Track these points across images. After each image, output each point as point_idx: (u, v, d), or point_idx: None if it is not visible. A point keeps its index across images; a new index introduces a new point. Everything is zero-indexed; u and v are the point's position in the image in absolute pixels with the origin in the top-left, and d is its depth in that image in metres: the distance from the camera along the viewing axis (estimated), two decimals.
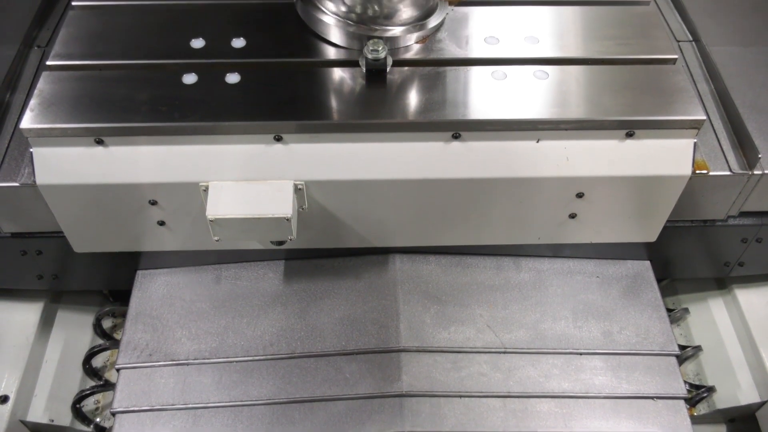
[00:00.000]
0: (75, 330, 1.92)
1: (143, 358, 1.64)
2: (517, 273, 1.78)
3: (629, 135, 1.47)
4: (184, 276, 1.78)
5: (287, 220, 1.41)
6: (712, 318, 1.92)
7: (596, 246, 1.75)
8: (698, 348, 1.87)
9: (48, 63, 1.54)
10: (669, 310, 1.82)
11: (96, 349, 1.83)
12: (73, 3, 1.69)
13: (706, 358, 1.87)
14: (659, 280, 1.81)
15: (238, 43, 1.58)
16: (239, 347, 1.65)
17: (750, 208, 1.67)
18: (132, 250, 1.69)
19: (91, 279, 1.87)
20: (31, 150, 1.45)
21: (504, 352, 1.65)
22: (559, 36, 1.62)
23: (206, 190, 1.45)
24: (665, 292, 2.01)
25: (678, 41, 1.84)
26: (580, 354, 1.66)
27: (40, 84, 1.48)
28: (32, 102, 1.44)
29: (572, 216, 1.60)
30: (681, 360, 1.77)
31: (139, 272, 1.79)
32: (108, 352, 1.90)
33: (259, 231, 1.45)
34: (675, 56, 1.58)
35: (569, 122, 1.45)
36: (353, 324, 1.66)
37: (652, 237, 1.68)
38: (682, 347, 1.82)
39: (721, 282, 1.97)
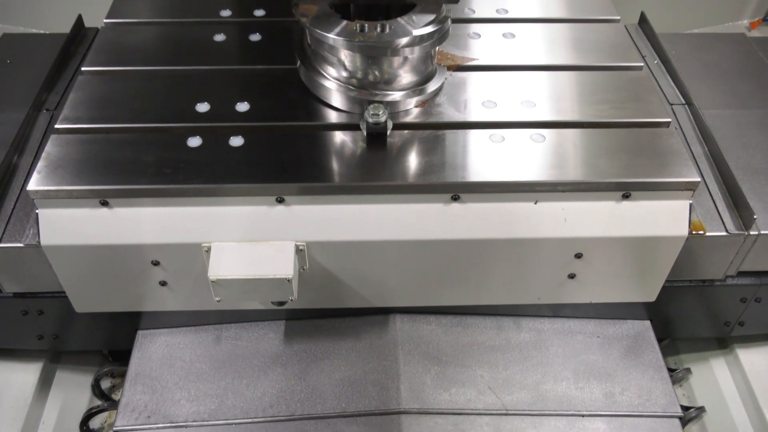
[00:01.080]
0: (73, 390, 1.91)
1: (141, 419, 1.62)
2: (518, 333, 1.78)
3: (626, 196, 1.49)
4: (184, 336, 1.77)
5: (288, 280, 1.42)
6: (715, 378, 1.90)
7: (596, 306, 1.75)
8: (701, 409, 1.85)
9: (56, 126, 1.57)
10: (671, 370, 1.81)
11: (94, 411, 1.81)
12: (83, 68, 1.74)
13: (710, 419, 1.85)
14: (660, 340, 1.81)
15: (243, 107, 1.62)
16: (239, 409, 1.63)
17: (748, 268, 1.68)
18: (133, 310, 1.69)
19: (91, 339, 1.87)
20: (36, 211, 1.47)
21: (506, 414, 1.63)
22: (555, 100, 1.66)
23: (208, 250, 1.46)
24: (667, 351, 2.00)
25: (671, 104, 1.89)
26: (582, 416, 1.64)
27: (48, 147, 1.52)
28: (40, 164, 1.47)
29: (571, 276, 1.61)
30: (684, 422, 1.75)
31: (140, 332, 1.79)
32: (106, 413, 1.88)
33: (260, 291, 1.45)
34: (668, 119, 1.62)
35: (566, 184, 1.47)
36: (353, 385, 1.65)
37: (651, 297, 1.69)
38: (685, 408, 1.80)
39: (723, 341, 1.96)
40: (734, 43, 2.12)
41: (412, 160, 1.50)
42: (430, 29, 1.52)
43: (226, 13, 1.92)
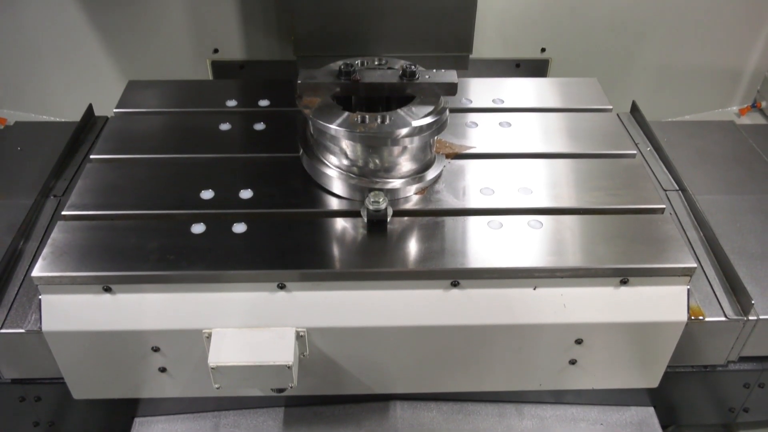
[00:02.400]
0: None
1: None
2: (520, 420, 1.75)
3: (624, 282, 1.51)
4: (181, 424, 1.75)
5: (288, 367, 1.41)
6: None
7: (599, 392, 1.74)
8: None
9: (63, 213, 1.61)
10: None
11: None
12: (92, 156, 1.79)
13: None
14: (665, 427, 1.78)
15: (246, 194, 1.65)
16: None
17: (749, 353, 1.68)
18: (131, 397, 1.67)
19: (87, 426, 1.84)
20: (39, 297, 1.48)
21: None
22: (552, 187, 1.70)
23: (209, 337, 1.47)
24: None
25: (665, 190, 1.93)
26: None
27: (54, 233, 1.54)
28: (45, 251, 1.50)
29: (572, 362, 1.60)
30: None
31: (137, 419, 1.77)
32: None
33: (260, 378, 1.45)
34: (662, 206, 1.65)
35: (565, 270, 1.49)
36: None
37: (653, 383, 1.68)
38: None
39: (729, 428, 1.93)
40: (724, 131, 2.18)
41: (412, 247, 1.53)
42: (428, 120, 1.57)
43: (231, 103, 1.99)
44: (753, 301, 1.57)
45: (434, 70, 1.68)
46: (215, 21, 2.63)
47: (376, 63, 1.74)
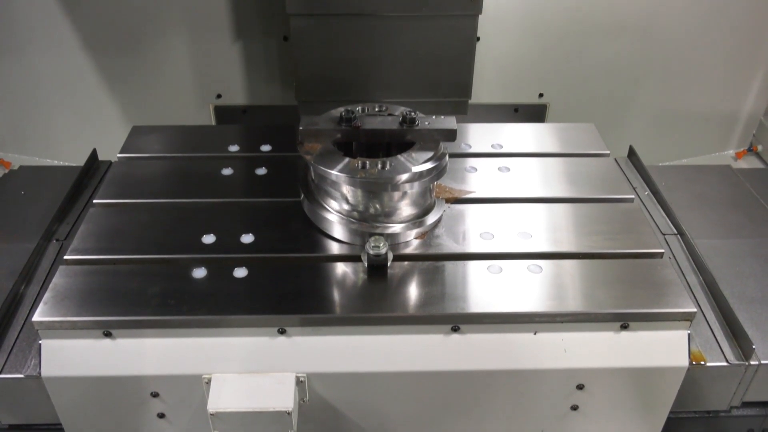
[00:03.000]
0: None
1: None
2: None
3: (624, 327, 1.51)
4: None
5: (288, 413, 1.41)
6: None
7: None
8: None
9: (65, 258, 1.62)
10: None
11: None
12: (95, 201, 1.81)
13: None
14: None
15: (248, 238, 1.67)
16: None
17: (752, 398, 1.67)
18: None
19: None
20: (39, 342, 1.48)
21: None
22: (551, 231, 1.71)
23: (209, 382, 1.46)
24: None
25: (664, 234, 1.94)
26: None
27: (56, 278, 1.55)
28: (46, 295, 1.50)
29: (574, 408, 1.59)
30: None
31: None
32: None
33: (259, 424, 1.44)
34: (661, 251, 1.66)
35: (565, 315, 1.49)
36: None
37: (657, 428, 1.66)
38: None
39: None
40: (721, 175, 2.20)
41: (412, 292, 1.53)
42: (428, 166, 1.59)
43: (234, 148, 2.02)
44: (754, 346, 1.56)
45: (434, 117, 1.71)
46: (218, 67, 2.68)
47: (377, 109, 1.77)
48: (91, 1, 2.53)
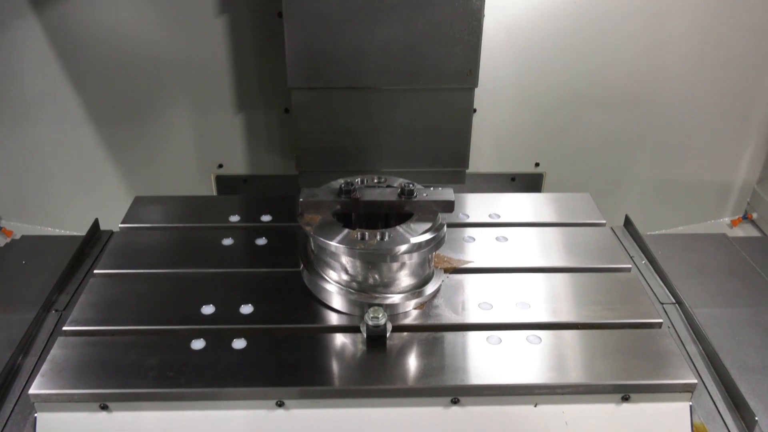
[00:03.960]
0: None
1: None
2: None
3: (625, 399, 1.50)
4: None
5: None
6: None
7: None
8: None
9: (64, 329, 1.61)
10: None
11: None
12: (95, 271, 1.82)
13: None
14: None
15: (247, 309, 1.67)
16: None
17: None
18: None
19: None
20: (35, 415, 1.47)
21: None
22: (549, 301, 1.72)
23: None
24: None
25: (662, 303, 1.94)
26: None
27: (54, 349, 1.55)
28: (44, 368, 1.49)
29: None
30: None
31: None
32: None
33: None
34: (660, 320, 1.67)
35: (566, 387, 1.48)
36: None
37: None
38: None
39: None
40: (717, 244, 2.22)
41: (412, 363, 1.53)
42: (427, 237, 1.61)
43: (234, 218, 2.04)
44: (757, 418, 1.55)
45: (432, 188, 1.74)
46: (220, 138, 2.74)
47: (376, 181, 1.81)
48: (97, 73, 2.60)
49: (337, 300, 1.67)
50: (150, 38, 2.54)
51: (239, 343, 1.56)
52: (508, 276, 1.81)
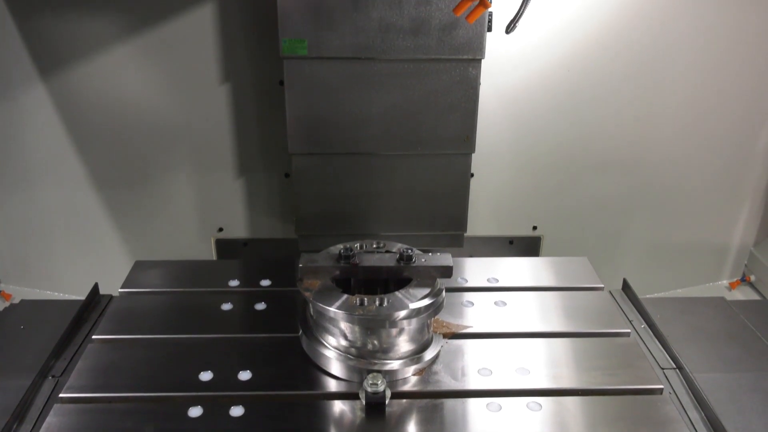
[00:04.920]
0: None
1: None
2: None
3: None
4: None
5: None
6: None
7: None
8: None
9: (60, 395, 1.60)
10: None
11: None
12: (93, 336, 1.82)
13: None
14: None
15: (245, 375, 1.66)
16: None
17: None
18: None
19: None
20: None
21: None
22: (549, 367, 1.71)
23: None
24: None
25: (662, 369, 1.93)
26: None
27: (50, 417, 1.53)
28: None
29: None
30: None
31: None
32: None
33: None
34: (661, 386, 1.66)
35: None
36: None
37: None
38: None
39: None
40: (716, 307, 2.22)
41: (411, 431, 1.51)
42: (426, 302, 1.62)
43: (234, 283, 2.05)
44: None
45: (430, 254, 1.75)
46: (221, 202, 2.77)
47: (375, 246, 1.82)
48: (100, 138, 2.65)
49: (335, 366, 1.66)
50: (153, 104, 2.60)
51: (237, 411, 1.55)
52: (507, 341, 1.81)
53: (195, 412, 1.55)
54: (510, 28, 1.84)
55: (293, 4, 2.12)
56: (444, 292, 1.69)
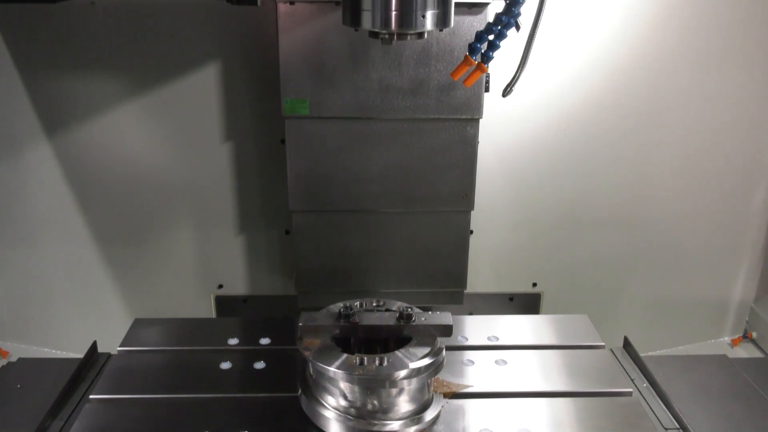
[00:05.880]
0: None
1: None
2: None
3: None
4: None
5: None
6: None
7: None
8: None
9: None
10: None
11: None
12: (91, 396, 1.80)
13: None
14: None
15: None
16: None
17: None
18: None
19: None
20: None
21: None
22: (551, 427, 1.69)
23: None
24: None
25: (666, 429, 1.91)
26: None
27: None
28: None
29: None
30: None
31: None
32: None
33: None
34: None
35: None
36: None
37: None
38: None
39: None
40: (718, 365, 2.20)
41: None
42: (426, 362, 1.61)
43: (233, 341, 2.04)
44: None
45: (430, 312, 1.76)
46: (221, 259, 2.78)
47: (374, 304, 1.82)
48: (102, 195, 2.68)
49: (334, 426, 1.64)
50: (156, 162, 2.63)
51: None
52: (508, 401, 1.79)
53: None
54: (506, 92, 1.89)
55: (295, 65, 2.18)
56: (444, 350, 1.68)
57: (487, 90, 2.24)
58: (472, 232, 2.53)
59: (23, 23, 2.43)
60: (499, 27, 1.58)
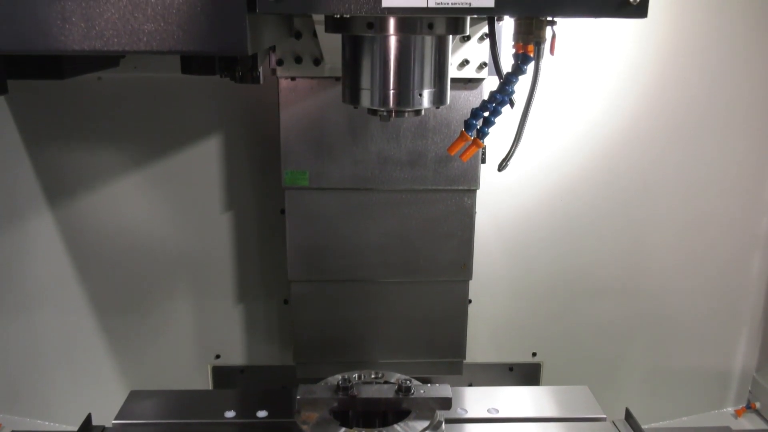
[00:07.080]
0: None
1: None
2: None
3: None
4: None
5: None
6: None
7: None
8: None
9: None
10: None
11: None
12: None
13: None
14: None
15: None
16: None
17: None
18: None
19: None
20: None
21: None
22: None
23: None
24: None
25: None
26: None
27: None
28: None
29: None
30: None
31: None
32: None
33: None
34: None
35: None
36: None
37: None
38: None
39: None
40: None
41: None
42: None
43: (230, 414, 2.01)
44: None
45: (429, 385, 1.74)
46: (219, 329, 2.77)
47: (373, 376, 1.82)
48: (101, 265, 2.68)
49: None
50: (156, 232, 2.65)
51: None
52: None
53: None
54: (502, 166, 1.92)
55: (295, 138, 2.23)
56: (444, 424, 1.67)
57: (483, 161, 2.28)
58: (470, 301, 2.53)
59: (31, 96, 2.49)
60: (494, 104, 1.62)
